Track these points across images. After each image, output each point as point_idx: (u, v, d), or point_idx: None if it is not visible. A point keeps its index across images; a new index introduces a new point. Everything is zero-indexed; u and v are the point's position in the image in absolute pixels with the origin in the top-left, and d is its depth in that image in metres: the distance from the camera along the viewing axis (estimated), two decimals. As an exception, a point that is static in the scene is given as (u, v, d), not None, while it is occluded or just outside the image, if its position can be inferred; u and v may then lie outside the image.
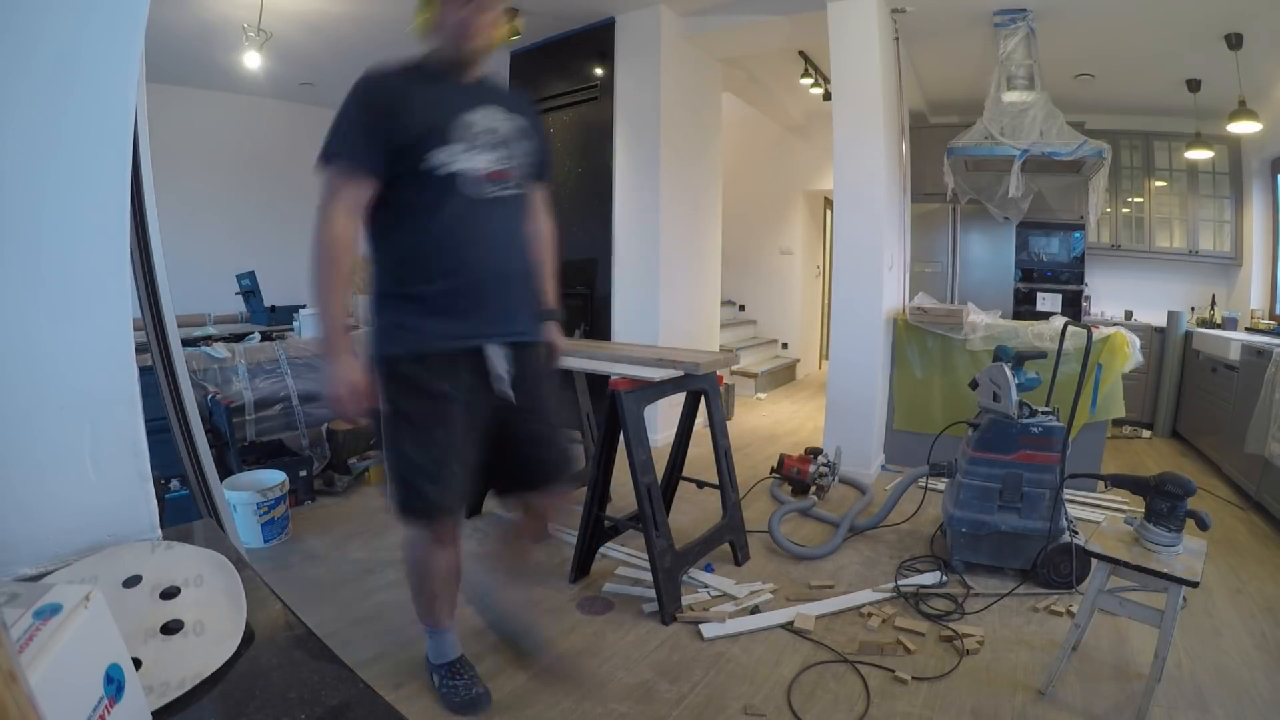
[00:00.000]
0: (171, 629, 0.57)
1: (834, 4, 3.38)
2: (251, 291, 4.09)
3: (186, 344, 3.03)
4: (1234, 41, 3.51)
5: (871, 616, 2.11)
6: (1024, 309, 5.07)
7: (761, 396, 5.94)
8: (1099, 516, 2.84)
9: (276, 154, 5.74)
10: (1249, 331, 4.14)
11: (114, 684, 0.44)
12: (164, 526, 0.76)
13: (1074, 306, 5.01)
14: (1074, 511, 2.74)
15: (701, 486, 2.62)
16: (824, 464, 3.25)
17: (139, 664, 0.51)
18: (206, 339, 3.35)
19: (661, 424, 4.06)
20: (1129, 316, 5.10)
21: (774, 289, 7.19)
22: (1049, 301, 5.05)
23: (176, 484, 2.34)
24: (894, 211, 3.68)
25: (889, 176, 3.51)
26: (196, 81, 4.97)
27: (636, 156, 4.07)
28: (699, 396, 2.48)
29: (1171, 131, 4.82)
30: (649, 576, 2.15)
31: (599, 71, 4.14)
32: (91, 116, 0.68)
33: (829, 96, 4.00)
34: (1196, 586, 1.55)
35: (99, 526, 0.70)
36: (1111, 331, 3.14)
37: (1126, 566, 1.62)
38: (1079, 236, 5.01)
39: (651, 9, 3.91)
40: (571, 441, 1.84)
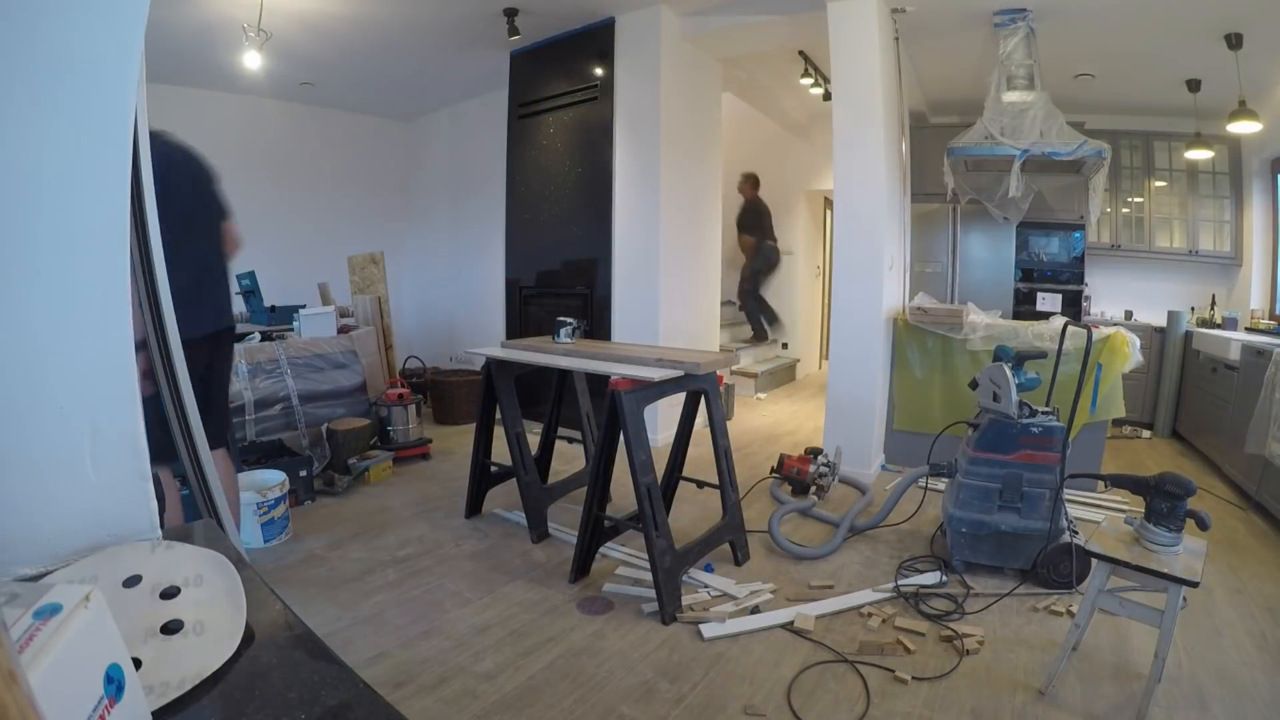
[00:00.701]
0: (171, 629, 0.57)
1: (834, 4, 3.38)
2: (251, 291, 4.08)
3: (186, 344, 3.03)
4: (1234, 41, 3.51)
5: (871, 616, 2.11)
6: (1024, 309, 5.07)
7: (761, 396, 5.94)
8: (1099, 516, 2.84)
9: (276, 154, 5.75)
10: (1249, 331, 4.14)
11: (114, 684, 0.44)
12: (164, 526, 0.75)
13: (1074, 306, 5.01)
14: (1074, 511, 2.74)
15: (701, 486, 2.62)
16: (824, 464, 3.25)
17: (139, 664, 0.51)
18: (206, 339, 3.35)
19: (661, 424, 4.06)
20: (1129, 316, 5.10)
21: (774, 289, 7.19)
22: (1049, 301, 5.05)
23: (176, 484, 2.34)
24: (894, 211, 3.68)
25: (889, 176, 3.51)
26: (196, 81, 4.97)
27: (636, 156, 4.07)
28: (699, 396, 2.48)
29: (1171, 131, 4.82)
30: (649, 576, 2.15)
31: (599, 71, 4.14)
32: (91, 116, 0.68)
33: (829, 96, 4.00)
34: (1196, 586, 1.55)
35: (99, 526, 0.70)
36: (1111, 331, 3.15)
37: (1126, 566, 1.62)
38: (1079, 236, 5.01)
39: (651, 9, 3.91)
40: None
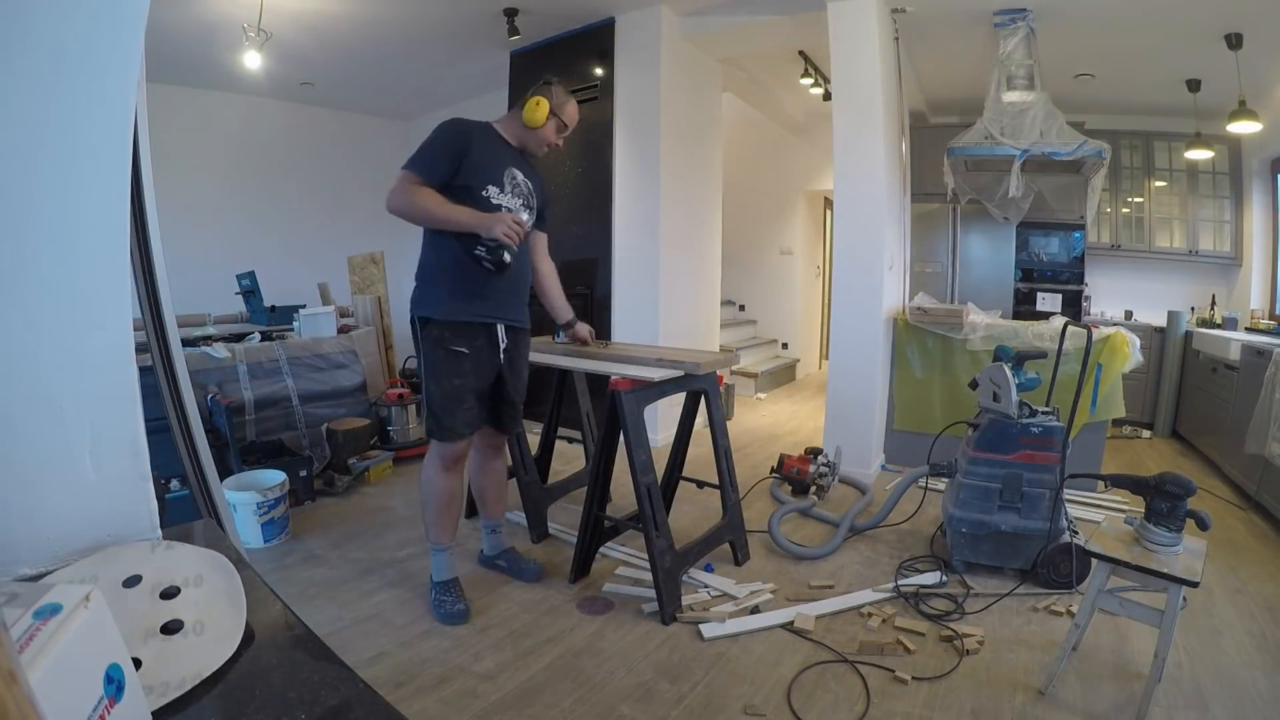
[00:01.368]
0: (171, 629, 0.57)
1: (834, 4, 3.38)
2: (251, 291, 4.09)
3: (186, 344, 3.03)
4: (1234, 41, 3.51)
5: (871, 616, 2.11)
6: (1024, 309, 5.07)
7: (761, 396, 5.94)
8: (1099, 516, 2.84)
9: (276, 154, 5.75)
10: (1249, 331, 4.14)
11: (114, 684, 0.44)
12: (164, 526, 0.75)
13: (1074, 306, 5.01)
14: (1074, 511, 2.74)
15: (702, 486, 2.62)
16: (824, 464, 3.25)
17: (139, 664, 0.51)
18: (206, 339, 3.35)
19: (661, 424, 4.06)
20: (1129, 316, 5.10)
21: (774, 289, 7.20)
22: (1049, 301, 5.05)
23: (176, 484, 2.34)
24: (894, 211, 3.68)
25: (889, 176, 3.51)
26: (196, 81, 4.97)
27: (636, 156, 4.07)
28: (699, 396, 2.48)
29: (1171, 131, 4.82)
30: (649, 576, 2.15)
31: (599, 71, 4.14)
32: (91, 116, 0.68)
33: (829, 96, 4.00)
34: (1196, 586, 1.55)
35: (99, 526, 0.70)
36: (1111, 331, 3.14)
37: (1126, 566, 1.62)
38: (1079, 236, 5.01)
39: (651, 9, 3.91)
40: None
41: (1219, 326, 4.45)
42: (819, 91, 4.90)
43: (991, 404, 2.39)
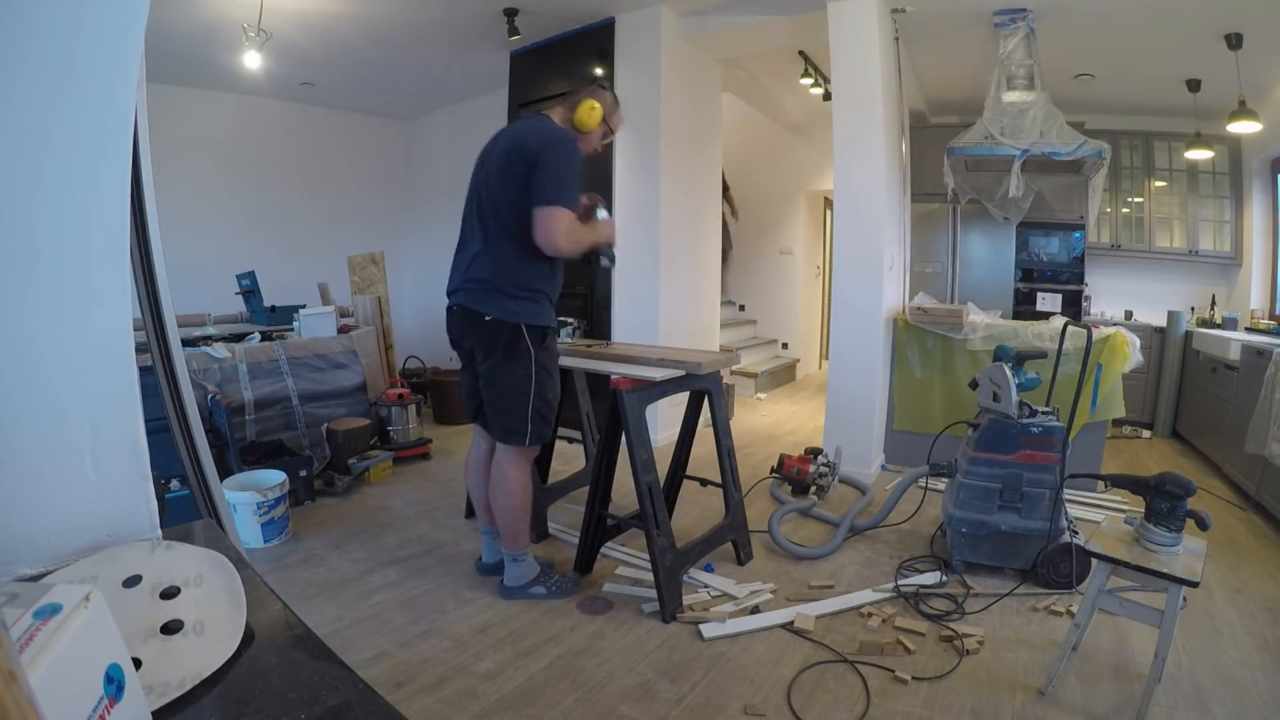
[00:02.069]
0: (171, 629, 0.57)
1: (834, 4, 3.38)
2: (251, 291, 4.08)
3: (186, 344, 3.04)
4: (1234, 41, 3.51)
5: (871, 616, 2.11)
6: (1024, 309, 5.07)
7: (761, 396, 5.94)
8: (1099, 516, 2.84)
9: (276, 154, 5.74)
10: (1249, 331, 4.14)
11: (114, 684, 0.44)
12: (164, 526, 0.75)
13: (1074, 306, 5.01)
14: (1074, 511, 2.74)
15: (705, 484, 2.62)
16: (824, 464, 3.25)
17: (139, 664, 0.51)
18: (206, 339, 3.35)
19: (662, 424, 4.06)
20: (1129, 316, 5.10)
21: (774, 289, 7.20)
22: (1049, 301, 5.04)
23: (176, 484, 2.34)
24: (894, 211, 3.68)
25: (889, 176, 3.51)
26: (196, 81, 4.96)
27: (637, 156, 4.07)
28: (703, 396, 2.48)
29: (1171, 131, 4.82)
30: (649, 576, 2.15)
31: (599, 71, 4.14)
32: (91, 116, 0.68)
33: (829, 96, 4.00)
34: (1196, 586, 1.55)
35: (99, 526, 0.69)
36: (1111, 331, 3.14)
37: (1126, 566, 1.62)
38: (1079, 236, 5.00)
39: (651, 9, 3.91)
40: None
41: (1219, 326, 4.45)
42: (819, 91, 4.90)
43: (991, 404, 2.39)
